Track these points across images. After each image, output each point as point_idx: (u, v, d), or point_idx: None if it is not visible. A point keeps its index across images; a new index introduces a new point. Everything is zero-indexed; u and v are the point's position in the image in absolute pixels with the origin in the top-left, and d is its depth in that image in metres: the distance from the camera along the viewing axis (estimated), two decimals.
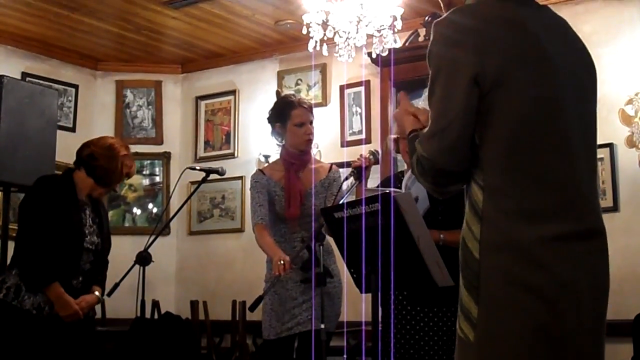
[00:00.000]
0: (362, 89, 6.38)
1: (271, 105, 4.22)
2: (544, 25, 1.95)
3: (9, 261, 4.04)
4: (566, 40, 1.99)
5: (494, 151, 1.83)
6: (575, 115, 1.88)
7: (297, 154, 4.07)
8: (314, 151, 6.57)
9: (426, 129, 1.92)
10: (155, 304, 6.42)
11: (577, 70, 1.96)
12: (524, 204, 1.81)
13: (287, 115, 4.02)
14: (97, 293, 3.85)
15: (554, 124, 1.84)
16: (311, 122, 4.06)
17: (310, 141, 4.07)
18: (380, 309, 3.17)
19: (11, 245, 3.72)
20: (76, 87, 6.97)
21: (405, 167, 3.79)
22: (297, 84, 6.73)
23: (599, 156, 5.39)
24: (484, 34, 1.84)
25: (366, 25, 4.73)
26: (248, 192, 7.10)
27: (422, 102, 6.01)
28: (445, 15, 1.94)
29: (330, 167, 4.14)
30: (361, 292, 3.16)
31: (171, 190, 5.75)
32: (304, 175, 4.06)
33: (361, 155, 3.73)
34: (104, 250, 3.90)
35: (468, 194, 1.93)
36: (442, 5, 2.10)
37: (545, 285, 1.80)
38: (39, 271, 3.73)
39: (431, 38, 1.94)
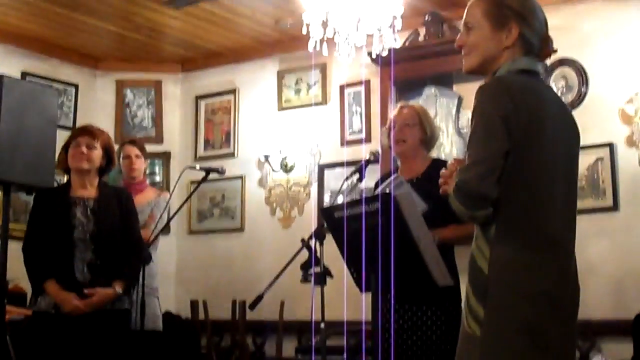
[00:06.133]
0: (362, 88, 6.38)
1: (271, 104, 4.25)
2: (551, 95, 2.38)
3: (9, 260, 4.04)
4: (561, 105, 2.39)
5: None
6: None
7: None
8: (313, 150, 6.60)
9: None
10: None
11: (569, 134, 2.35)
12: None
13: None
14: (116, 288, 3.79)
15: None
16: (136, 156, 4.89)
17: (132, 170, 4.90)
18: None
19: (12, 245, 3.74)
20: (76, 86, 6.96)
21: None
22: (297, 84, 6.72)
23: (599, 155, 5.43)
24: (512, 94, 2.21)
25: (366, 25, 4.73)
26: (248, 192, 7.10)
27: (421, 101, 6.01)
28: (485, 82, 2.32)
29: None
30: (361, 292, 3.16)
31: (171, 189, 5.73)
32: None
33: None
34: (108, 240, 3.82)
35: None
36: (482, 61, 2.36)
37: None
38: (32, 273, 3.80)
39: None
